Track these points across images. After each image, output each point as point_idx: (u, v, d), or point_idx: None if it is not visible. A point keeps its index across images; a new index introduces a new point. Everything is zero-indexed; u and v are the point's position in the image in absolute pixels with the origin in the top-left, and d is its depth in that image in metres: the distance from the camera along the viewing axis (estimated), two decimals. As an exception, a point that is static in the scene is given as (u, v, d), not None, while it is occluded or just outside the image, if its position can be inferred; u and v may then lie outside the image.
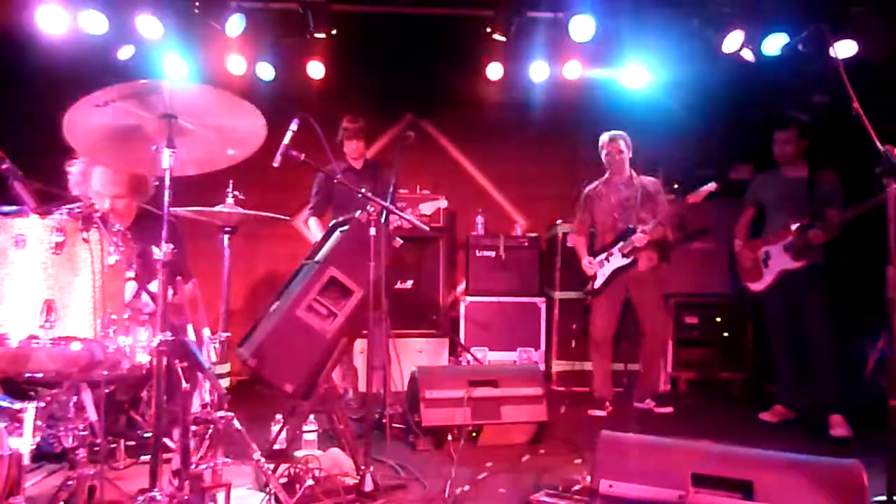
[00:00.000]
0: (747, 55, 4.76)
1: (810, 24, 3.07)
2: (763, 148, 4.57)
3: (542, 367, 5.30)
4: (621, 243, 4.62)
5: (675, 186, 5.47)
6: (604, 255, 4.72)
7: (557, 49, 5.19)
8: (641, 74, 5.27)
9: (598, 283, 4.68)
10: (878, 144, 2.56)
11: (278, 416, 3.38)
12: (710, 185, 4.42)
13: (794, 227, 4.19)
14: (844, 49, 4.33)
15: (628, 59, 5.22)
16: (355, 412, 4.27)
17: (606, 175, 4.82)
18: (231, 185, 2.61)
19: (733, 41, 4.72)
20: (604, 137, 4.76)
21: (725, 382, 5.39)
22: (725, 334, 5.40)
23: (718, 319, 5.42)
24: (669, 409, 4.74)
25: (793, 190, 4.31)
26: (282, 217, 2.79)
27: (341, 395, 4.39)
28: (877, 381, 4.13)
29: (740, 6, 4.64)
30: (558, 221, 5.54)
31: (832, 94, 2.84)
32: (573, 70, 5.32)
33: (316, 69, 5.32)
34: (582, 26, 4.75)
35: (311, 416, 3.30)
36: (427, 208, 4.60)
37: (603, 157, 4.76)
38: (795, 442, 3.84)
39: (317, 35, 5.00)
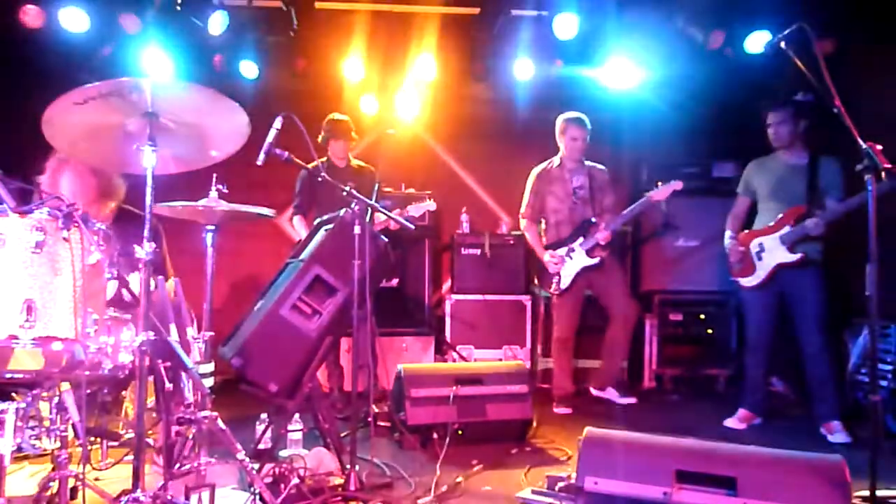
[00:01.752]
0: (729, 52, 4.77)
1: (793, 23, 3.10)
2: (746, 146, 4.57)
3: (527, 364, 5.31)
4: (582, 239, 4.50)
5: (659, 184, 5.51)
6: (564, 251, 4.56)
7: (542, 47, 5.20)
8: (625, 72, 5.30)
9: (564, 284, 4.55)
10: (860, 141, 2.59)
11: (263, 416, 3.36)
12: (674, 182, 4.39)
13: (788, 215, 3.92)
14: (825, 47, 4.37)
15: (612, 57, 5.24)
16: (340, 411, 4.26)
17: (559, 158, 4.67)
18: (215, 179, 2.58)
19: (716, 39, 4.75)
20: (571, 119, 4.57)
21: (710, 379, 5.43)
22: (710, 331, 5.44)
23: (703, 316, 5.45)
24: (632, 400, 4.72)
25: (791, 176, 4.02)
26: (266, 213, 2.76)
27: (326, 395, 4.38)
28: (858, 377, 4.15)
29: (723, 4, 4.67)
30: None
31: (815, 92, 2.87)
32: (557, 68, 5.34)
33: (299, 67, 5.29)
34: (566, 24, 4.78)
35: (296, 416, 3.28)
36: (415, 210, 4.57)
37: (566, 139, 4.58)
38: (778, 437, 3.89)
39: (300, 33, 4.97)
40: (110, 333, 2.22)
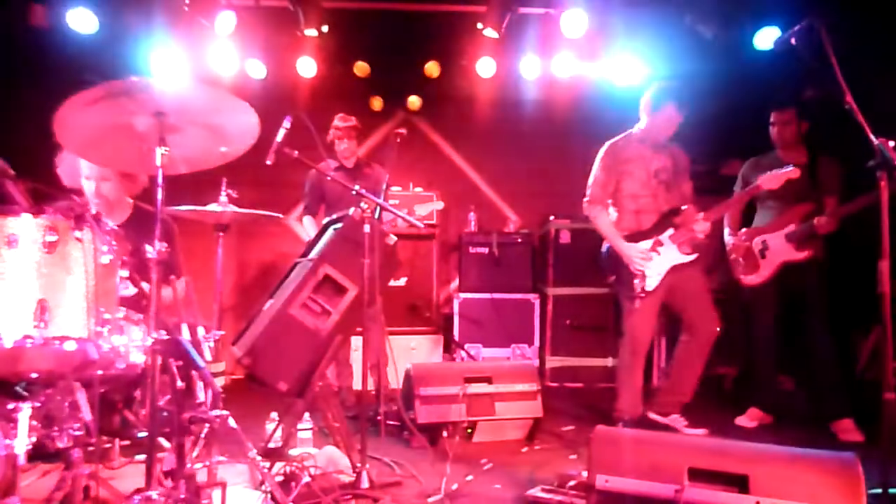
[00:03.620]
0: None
1: (803, 19, 3.08)
2: (755, 143, 4.55)
3: (535, 363, 5.31)
4: (672, 231, 3.78)
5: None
6: (649, 244, 3.79)
7: (550, 45, 5.20)
8: (633, 69, 5.28)
9: (651, 285, 3.75)
10: (872, 138, 2.57)
11: (273, 415, 3.37)
12: (788, 169, 3.72)
13: (793, 213, 3.85)
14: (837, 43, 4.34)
15: (620, 55, 5.23)
16: (350, 410, 4.27)
17: (639, 132, 3.93)
18: (224, 184, 2.59)
19: (725, 35, 4.72)
20: (673, 95, 3.83)
21: (718, 378, 5.41)
22: (718, 329, 5.41)
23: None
24: (702, 431, 3.87)
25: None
26: (274, 214, 2.77)
27: (336, 393, 4.39)
28: (869, 375, 4.13)
29: (733, 1, 4.65)
30: (551, 218, 5.54)
31: (825, 89, 2.86)
32: (565, 66, 5.33)
33: (307, 67, 5.31)
34: (574, 22, 4.76)
35: (307, 415, 3.29)
36: (422, 209, 4.57)
37: (658, 116, 3.84)
38: (788, 435, 3.87)
39: (308, 32, 4.98)
40: (122, 333, 2.23)
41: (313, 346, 2.92)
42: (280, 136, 2.72)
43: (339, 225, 3.18)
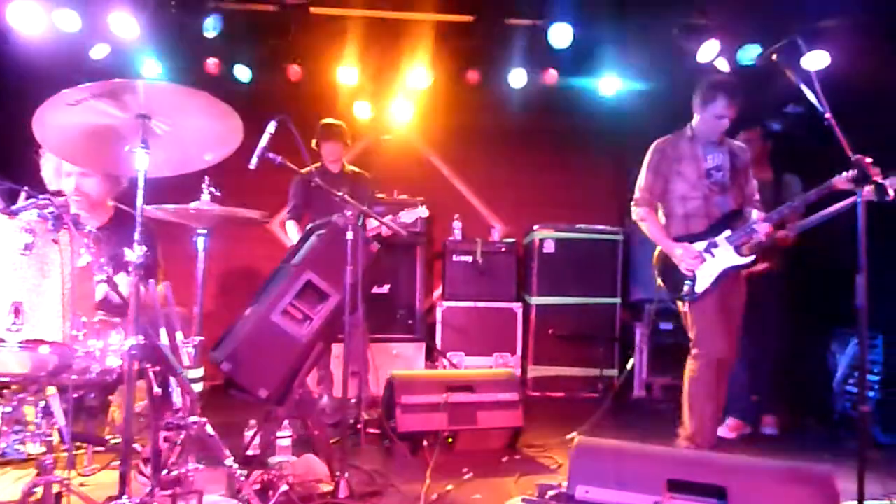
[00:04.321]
0: (722, 65, 4.83)
1: (784, 36, 3.13)
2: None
3: (517, 372, 5.31)
4: (729, 232, 3.52)
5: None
6: (703, 245, 3.52)
7: (536, 56, 5.22)
8: (619, 82, 5.33)
9: (701, 287, 3.49)
10: (850, 153, 2.61)
11: (252, 422, 3.34)
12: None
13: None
14: (817, 60, 4.42)
15: (606, 67, 5.27)
16: (331, 417, 4.24)
17: (690, 130, 3.68)
18: (207, 181, 2.56)
19: (709, 50, 4.79)
20: (723, 87, 3.56)
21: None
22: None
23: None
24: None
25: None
26: (256, 215, 2.75)
27: (316, 401, 4.36)
28: (846, 388, 4.17)
29: (717, 17, 4.71)
30: (535, 227, 5.56)
31: (806, 105, 2.92)
32: (551, 77, 5.36)
33: (294, 72, 5.30)
34: (560, 34, 4.79)
35: (286, 422, 3.26)
36: (407, 216, 4.54)
37: (708, 111, 3.57)
38: (766, 447, 3.89)
39: (295, 37, 4.97)
40: (99, 337, 2.20)
41: (294, 353, 2.90)
42: (264, 140, 2.70)
43: (322, 231, 3.17)
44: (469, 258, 5.55)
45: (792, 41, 3.04)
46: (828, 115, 2.70)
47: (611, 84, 5.38)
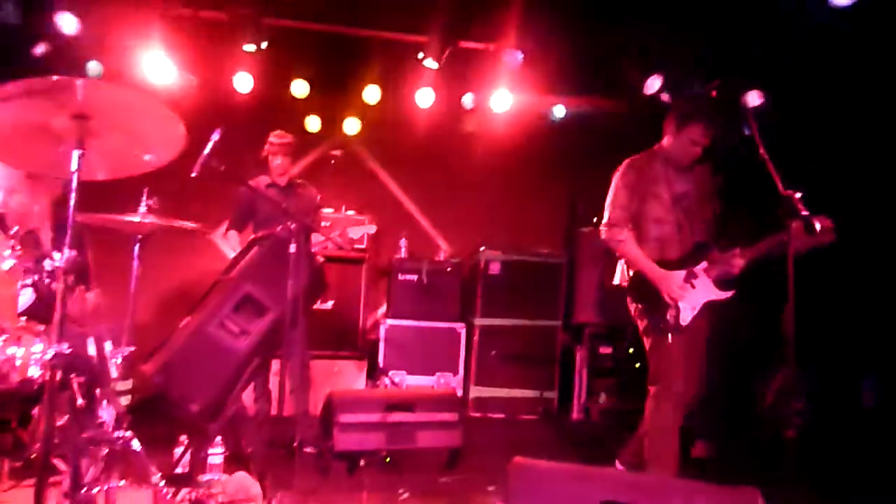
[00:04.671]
0: (665, 97, 5.00)
1: (723, 74, 3.27)
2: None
3: (459, 392, 5.30)
4: (706, 265, 3.29)
5: (595, 220, 5.66)
6: (682, 276, 3.28)
7: (488, 78, 5.30)
8: (565, 109, 5.45)
9: (687, 318, 3.23)
10: (781, 189, 2.73)
11: (182, 438, 3.22)
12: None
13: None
14: (753, 98, 4.62)
15: (555, 92, 5.38)
16: (266, 435, 4.13)
17: (662, 151, 3.43)
18: (146, 193, 2.49)
19: (653, 84, 4.96)
20: (699, 114, 3.32)
21: (638, 411, 5.53)
22: (637, 364, 5.55)
23: (631, 350, 5.57)
24: None
25: None
26: (194, 228, 2.68)
27: (252, 418, 4.25)
28: (774, 414, 4.31)
29: (663, 51, 4.88)
30: (482, 248, 5.60)
31: (742, 140, 3.04)
32: (502, 100, 5.45)
33: (244, 82, 5.23)
34: (511, 58, 4.88)
35: (218, 438, 3.16)
36: (355, 232, 4.49)
37: (682, 137, 3.33)
38: (697, 470, 3.98)
39: (246, 47, 4.91)
40: (20, 344, 2.10)
41: (229, 367, 2.82)
42: (207, 148, 2.65)
43: (264, 243, 3.11)
44: (414, 277, 5.54)
45: (729, 80, 3.16)
46: (762, 150, 2.82)
47: (558, 110, 5.50)
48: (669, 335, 3.20)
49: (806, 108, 4.71)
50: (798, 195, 2.74)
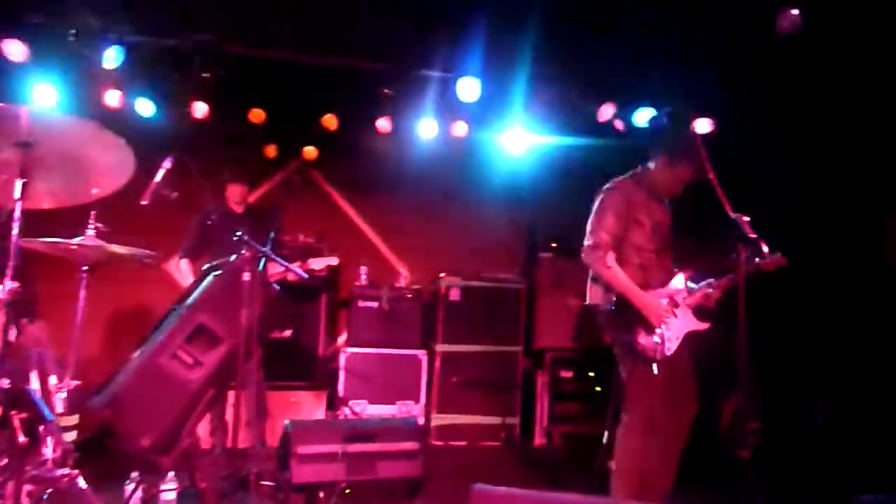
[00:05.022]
0: (619, 125, 5.12)
1: (673, 102, 3.37)
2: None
3: (421, 420, 5.26)
4: (685, 295, 3.28)
5: (554, 245, 5.74)
6: (665, 304, 3.23)
7: (446, 108, 5.35)
8: (524, 137, 5.53)
9: (672, 347, 3.17)
10: (730, 212, 2.80)
11: (133, 474, 3.11)
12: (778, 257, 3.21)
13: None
14: (702, 125, 4.77)
15: (512, 123, 5.46)
16: (222, 469, 4.02)
17: (647, 178, 3.41)
18: (93, 217, 2.43)
19: (606, 112, 5.08)
20: (691, 153, 3.19)
21: (599, 436, 5.55)
22: (598, 388, 5.59)
23: (592, 374, 5.61)
24: None
25: None
26: (145, 255, 2.62)
27: (207, 451, 4.14)
28: (730, 435, 4.38)
29: (613, 80, 5.01)
30: (442, 275, 5.60)
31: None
32: (460, 129, 5.51)
33: (200, 109, 5.18)
34: (469, 88, 4.94)
35: (171, 474, 3.06)
36: (317, 263, 4.44)
37: (672, 170, 3.33)
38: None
39: (203, 74, 4.88)
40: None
41: (182, 400, 2.75)
42: (159, 176, 2.61)
43: (219, 272, 3.06)
44: (375, 304, 5.50)
45: (681, 106, 3.26)
46: (711, 175, 2.90)
47: (517, 139, 5.57)
48: (654, 365, 3.11)
49: (753, 135, 4.88)
50: (746, 219, 2.82)
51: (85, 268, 2.49)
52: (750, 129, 4.88)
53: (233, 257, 2.95)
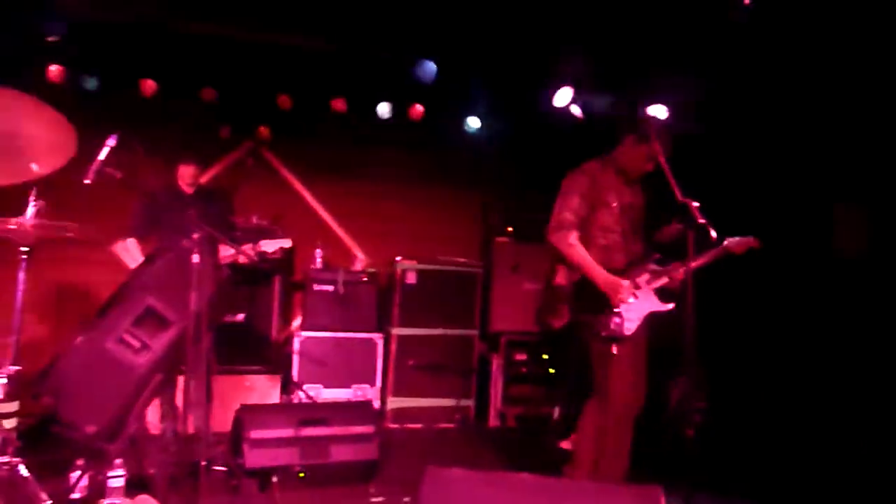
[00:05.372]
0: (576, 111, 5.15)
1: (631, 88, 3.41)
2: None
3: (377, 403, 5.26)
4: (647, 276, 3.32)
5: (510, 230, 5.78)
6: (628, 285, 3.25)
7: (402, 89, 5.30)
8: (479, 120, 5.53)
9: (632, 328, 3.23)
10: (679, 197, 2.86)
11: (79, 462, 3.04)
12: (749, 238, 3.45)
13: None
14: (656, 111, 4.83)
15: (468, 105, 5.45)
16: (172, 455, 3.95)
17: (612, 162, 3.45)
18: (33, 194, 2.33)
19: (563, 97, 5.10)
20: (657, 129, 3.35)
21: (551, 417, 5.65)
22: (552, 370, 5.68)
23: (546, 357, 5.69)
24: None
25: None
26: (84, 233, 2.54)
27: (156, 437, 4.07)
28: (677, 415, 4.50)
29: (570, 66, 5.03)
30: (398, 258, 5.58)
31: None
32: (416, 111, 5.47)
33: (149, 86, 5.02)
34: (426, 70, 4.90)
35: (119, 461, 2.99)
36: (269, 245, 4.35)
37: (637, 150, 3.37)
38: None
39: (151, 52, 4.72)
40: None
41: (129, 385, 2.69)
42: (103, 154, 2.52)
43: (168, 254, 2.99)
44: (330, 287, 5.45)
45: (636, 92, 3.30)
46: (661, 159, 2.95)
47: (472, 122, 5.57)
48: (614, 345, 3.16)
49: (701, 122, 4.97)
50: (696, 204, 2.88)
51: (25, 249, 2.39)
52: (698, 117, 4.96)
53: (183, 239, 2.88)
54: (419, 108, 5.50)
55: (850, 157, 4.76)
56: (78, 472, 2.95)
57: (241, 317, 5.05)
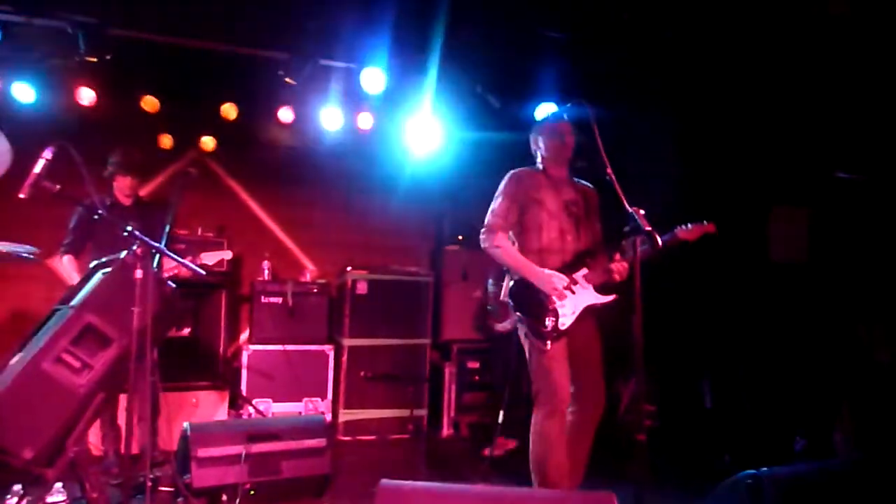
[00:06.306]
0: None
1: (574, 98, 3.45)
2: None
3: (328, 416, 5.19)
4: (586, 270, 3.36)
5: (460, 238, 5.80)
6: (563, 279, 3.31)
7: (350, 98, 5.26)
8: (429, 130, 5.52)
9: (567, 323, 3.25)
10: (627, 206, 2.92)
11: (16, 487, 2.91)
12: (706, 224, 3.54)
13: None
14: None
15: (417, 115, 5.44)
16: (115, 477, 3.81)
17: (541, 165, 3.55)
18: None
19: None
20: (548, 117, 3.66)
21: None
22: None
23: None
24: None
25: None
26: (19, 249, 2.44)
27: (99, 459, 3.93)
28: (628, 418, 4.58)
29: (517, 77, 5.08)
30: (348, 268, 5.53)
31: (591, 160, 3.24)
32: (364, 120, 5.43)
33: (86, 95, 4.85)
34: (373, 79, 4.87)
35: (59, 485, 2.88)
36: (209, 258, 4.24)
37: (544, 140, 3.51)
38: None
39: (88, 58, 4.56)
40: None
41: (68, 407, 2.58)
42: (39, 167, 2.42)
43: (108, 269, 2.88)
44: (279, 299, 5.37)
45: (579, 102, 3.35)
46: (609, 170, 3.01)
47: (422, 132, 5.56)
48: (548, 342, 3.20)
49: (640, 126, 5.07)
50: (642, 212, 2.95)
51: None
52: (636, 121, 5.07)
53: (123, 253, 2.78)
54: (367, 116, 5.46)
55: (787, 160, 4.93)
56: (14, 499, 2.82)
57: (186, 331, 4.93)
